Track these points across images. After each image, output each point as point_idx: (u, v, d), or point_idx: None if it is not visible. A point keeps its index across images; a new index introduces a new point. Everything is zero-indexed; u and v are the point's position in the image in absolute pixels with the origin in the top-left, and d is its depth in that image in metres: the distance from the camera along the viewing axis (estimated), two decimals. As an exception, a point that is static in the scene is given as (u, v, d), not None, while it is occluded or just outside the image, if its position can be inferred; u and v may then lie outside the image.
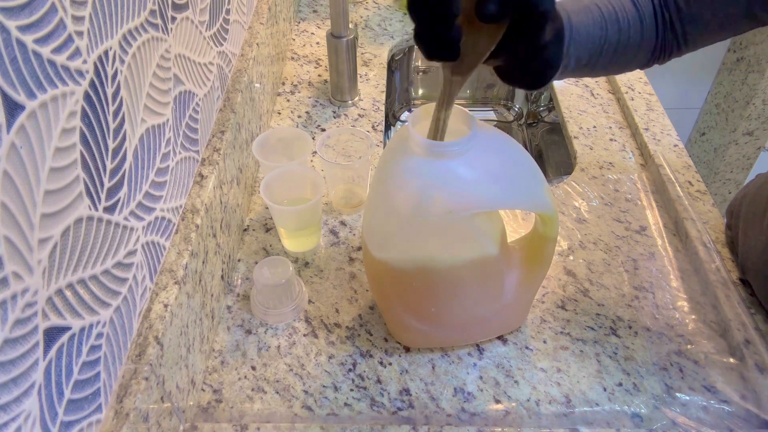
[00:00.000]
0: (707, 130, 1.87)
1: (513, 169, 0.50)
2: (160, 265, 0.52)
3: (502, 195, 0.49)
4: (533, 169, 0.52)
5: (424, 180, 0.48)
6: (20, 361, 0.33)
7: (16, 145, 0.32)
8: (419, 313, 0.57)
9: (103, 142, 0.42)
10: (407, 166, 0.48)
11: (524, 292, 0.59)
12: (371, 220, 0.54)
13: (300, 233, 0.70)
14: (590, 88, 0.98)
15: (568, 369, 0.60)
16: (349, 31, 0.86)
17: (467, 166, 0.47)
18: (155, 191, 0.51)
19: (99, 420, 0.42)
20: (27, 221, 0.33)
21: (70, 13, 0.37)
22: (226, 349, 0.61)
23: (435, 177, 0.47)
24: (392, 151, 0.50)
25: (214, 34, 0.67)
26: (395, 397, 0.57)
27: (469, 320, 0.58)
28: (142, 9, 0.47)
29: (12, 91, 0.32)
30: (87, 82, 0.39)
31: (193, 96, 0.60)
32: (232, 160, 0.68)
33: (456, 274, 0.53)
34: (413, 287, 0.54)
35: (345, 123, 0.90)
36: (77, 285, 0.39)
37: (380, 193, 0.52)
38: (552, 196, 0.53)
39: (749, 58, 1.66)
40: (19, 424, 0.33)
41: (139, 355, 0.46)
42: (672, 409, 0.57)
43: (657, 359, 0.61)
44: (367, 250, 0.55)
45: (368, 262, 0.57)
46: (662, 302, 0.66)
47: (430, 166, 0.47)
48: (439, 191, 0.47)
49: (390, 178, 0.50)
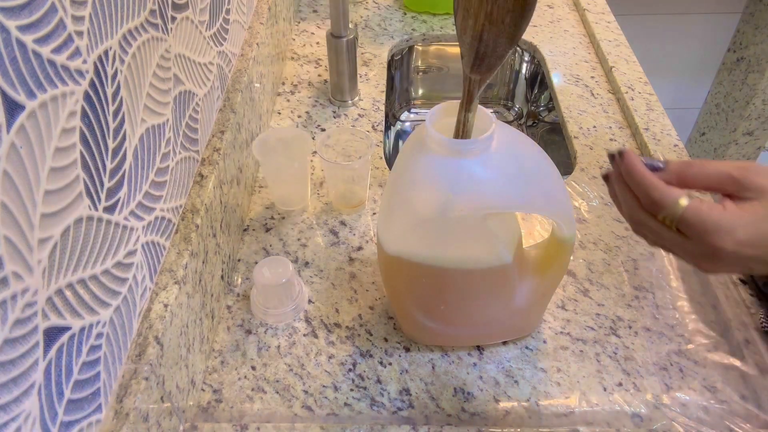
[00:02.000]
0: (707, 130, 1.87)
1: (532, 171, 0.49)
2: (160, 265, 0.52)
3: (519, 197, 0.48)
4: (553, 173, 0.50)
5: (440, 178, 0.47)
6: (20, 361, 0.33)
7: (16, 145, 0.32)
8: (429, 310, 0.57)
9: (103, 142, 0.42)
10: (424, 164, 0.48)
11: (538, 297, 0.58)
12: (386, 215, 0.54)
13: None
14: (590, 88, 0.98)
15: (568, 369, 0.60)
16: (349, 31, 0.86)
17: (484, 166, 0.47)
18: (155, 191, 0.51)
19: (99, 420, 0.42)
20: (27, 221, 0.33)
21: (70, 12, 0.37)
22: (226, 349, 0.61)
23: (451, 175, 0.47)
24: (410, 148, 0.50)
25: (214, 34, 0.67)
26: (395, 397, 0.57)
27: (479, 322, 0.58)
28: (142, 9, 0.47)
29: (12, 91, 0.32)
30: (87, 82, 0.39)
31: (193, 96, 0.60)
32: (232, 160, 0.68)
33: (468, 276, 0.53)
34: (424, 284, 0.54)
35: (345, 123, 0.90)
36: (77, 285, 0.39)
37: (396, 189, 0.52)
38: (570, 202, 0.52)
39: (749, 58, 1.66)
40: (18, 424, 0.33)
41: (139, 355, 0.46)
42: (672, 409, 0.57)
43: (657, 359, 0.61)
44: (381, 244, 0.55)
45: (381, 257, 0.57)
46: (662, 302, 0.66)
47: (446, 164, 0.47)
48: (455, 190, 0.47)
49: (406, 175, 0.50)
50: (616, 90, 0.96)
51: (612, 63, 1.00)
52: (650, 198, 0.40)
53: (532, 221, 0.75)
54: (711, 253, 0.39)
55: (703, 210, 0.39)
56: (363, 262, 0.70)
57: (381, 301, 0.66)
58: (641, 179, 0.41)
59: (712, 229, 0.39)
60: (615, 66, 1.00)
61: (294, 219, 0.75)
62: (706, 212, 0.39)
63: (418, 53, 1.15)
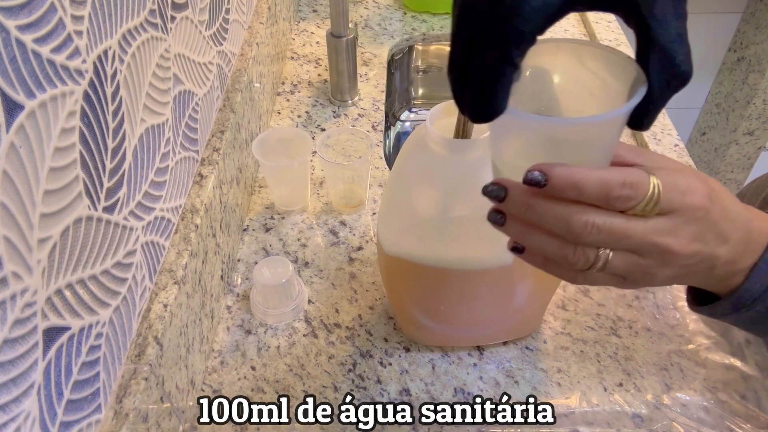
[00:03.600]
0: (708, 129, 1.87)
1: None
2: (160, 265, 0.52)
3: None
4: None
5: (440, 178, 0.47)
6: (20, 362, 0.33)
7: (16, 145, 0.32)
8: (429, 311, 0.57)
9: (103, 141, 0.42)
10: (424, 164, 0.48)
11: (538, 297, 0.58)
12: (386, 215, 0.54)
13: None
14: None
15: (568, 369, 0.60)
16: (349, 30, 0.86)
17: (484, 166, 0.46)
18: (155, 191, 0.51)
19: (98, 420, 0.42)
20: (26, 221, 0.33)
21: (69, 12, 0.37)
22: (226, 349, 0.61)
23: (451, 175, 0.47)
24: (410, 148, 0.50)
25: (213, 33, 0.66)
26: (395, 397, 0.57)
27: (479, 322, 0.58)
28: (142, 8, 0.47)
29: (11, 90, 0.31)
30: (86, 82, 0.39)
31: (193, 96, 0.60)
32: (231, 159, 0.68)
33: (468, 276, 0.53)
34: (424, 284, 0.54)
35: (345, 123, 0.90)
36: (76, 285, 0.39)
37: (396, 189, 0.52)
38: None
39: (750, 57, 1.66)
40: (18, 424, 0.33)
41: (138, 355, 0.46)
42: (672, 409, 0.56)
43: (657, 359, 0.60)
44: (381, 244, 0.55)
45: (381, 255, 0.57)
46: (662, 302, 0.66)
47: (446, 164, 0.47)
48: (455, 190, 0.47)
49: (406, 175, 0.50)
50: (617, 90, 0.96)
51: (612, 63, 1.00)
52: (621, 195, 0.33)
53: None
54: (697, 217, 0.35)
55: (670, 179, 0.34)
56: (363, 262, 0.70)
57: (381, 301, 0.66)
58: (597, 176, 0.33)
59: (689, 185, 0.35)
60: (615, 66, 0.99)
61: (294, 219, 0.75)
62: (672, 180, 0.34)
63: (418, 53, 1.15)
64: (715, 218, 0.36)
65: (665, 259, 0.36)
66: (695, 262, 0.37)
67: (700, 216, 0.35)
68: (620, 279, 0.37)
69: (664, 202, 0.34)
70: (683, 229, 0.35)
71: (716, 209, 0.36)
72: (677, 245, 0.35)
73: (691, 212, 0.35)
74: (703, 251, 0.36)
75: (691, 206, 0.35)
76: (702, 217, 0.35)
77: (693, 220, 0.35)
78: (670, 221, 0.35)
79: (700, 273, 0.38)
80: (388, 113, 0.93)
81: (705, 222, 0.36)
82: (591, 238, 0.34)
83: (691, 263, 0.37)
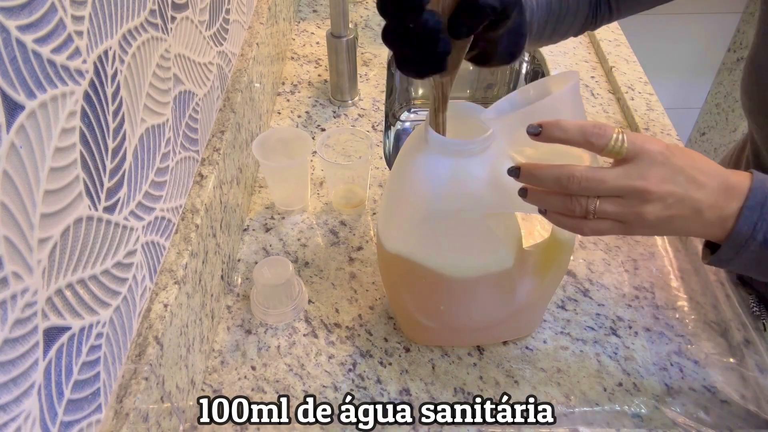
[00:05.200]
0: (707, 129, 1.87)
1: None
2: (160, 265, 0.52)
3: (517, 197, 0.48)
4: None
5: (440, 178, 0.48)
6: (20, 361, 0.33)
7: (16, 145, 0.32)
8: (428, 310, 0.57)
9: (103, 141, 0.42)
10: (424, 164, 0.48)
11: (538, 298, 0.58)
12: (386, 214, 0.54)
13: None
14: (590, 88, 0.98)
15: (568, 369, 0.60)
16: (349, 30, 0.86)
17: (483, 166, 0.47)
18: (155, 191, 0.51)
19: (99, 420, 0.42)
20: (27, 221, 0.33)
21: (69, 12, 0.37)
22: (226, 349, 0.61)
23: (451, 175, 0.47)
24: (410, 148, 0.51)
25: (214, 33, 0.66)
26: (395, 397, 0.57)
27: (479, 322, 0.58)
28: (142, 9, 0.47)
29: (12, 90, 0.32)
30: (87, 82, 0.39)
31: (193, 96, 0.60)
32: (231, 159, 0.68)
33: (467, 275, 0.53)
34: (424, 284, 0.54)
35: (345, 123, 0.90)
36: (77, 285, 0.39)
37: (396, 189, 0.52)
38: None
39: (749, 58, 1.66)
40: (18, 424, 0.33)
41: (138, 355, 0.46)
42: (672, 409, 0.56)
43: (657, 359, 0.61)
44: (381, 244, 0.55)
45: (381, 255, 0.57)
46: (662, 302, 0.66)
47: (446, 164, 0.47)
48: (455, 190, 0.47)
49: (406, 174, 0.50)
50: (616, 90, 0.96)
51: (612, 63, 1.00)
52: (593, 131, 0.41)
53: (532, 221, 0.75)
54: (658, 161, 0.41)
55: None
56: (363, 262, 0.70)
57: (381, 301, 0.66)
58: (575, 122, 0.41)
59: (645, 137, 0.42)
60: (615, 66, 1.00)
61: (294, 219, 0.75)
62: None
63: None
64: (680, 165, 0.42)
65: (643, 197, 0.42)
66: (675, 202, 0.42)
67: (661, 161, 0.41)
68: (618, 224, 0.43)
69: (629, 144, 0.41)
70: (649, 171, 0.41)
71: (678, 158, 0.42)
72: (649, 185, 0.41)
73: (652, 156, 0.41)
74: (677, 192, 0.42)
75: (651, 151, 0.41)
76: (664, 162, 0.41)
77: (656, 163, 0.41)
78: (635, 165, 0.41)
79: (690, 217, 0.43)
80: (388, 113, 0.93)
81: (668, 166, 0.42)
82: (576, 185, 0.42)
83: (671, 203, 0.42)
